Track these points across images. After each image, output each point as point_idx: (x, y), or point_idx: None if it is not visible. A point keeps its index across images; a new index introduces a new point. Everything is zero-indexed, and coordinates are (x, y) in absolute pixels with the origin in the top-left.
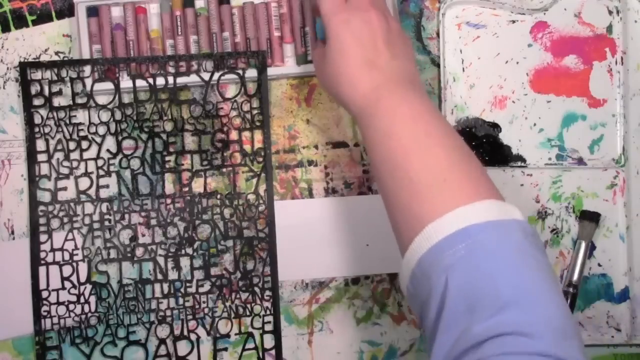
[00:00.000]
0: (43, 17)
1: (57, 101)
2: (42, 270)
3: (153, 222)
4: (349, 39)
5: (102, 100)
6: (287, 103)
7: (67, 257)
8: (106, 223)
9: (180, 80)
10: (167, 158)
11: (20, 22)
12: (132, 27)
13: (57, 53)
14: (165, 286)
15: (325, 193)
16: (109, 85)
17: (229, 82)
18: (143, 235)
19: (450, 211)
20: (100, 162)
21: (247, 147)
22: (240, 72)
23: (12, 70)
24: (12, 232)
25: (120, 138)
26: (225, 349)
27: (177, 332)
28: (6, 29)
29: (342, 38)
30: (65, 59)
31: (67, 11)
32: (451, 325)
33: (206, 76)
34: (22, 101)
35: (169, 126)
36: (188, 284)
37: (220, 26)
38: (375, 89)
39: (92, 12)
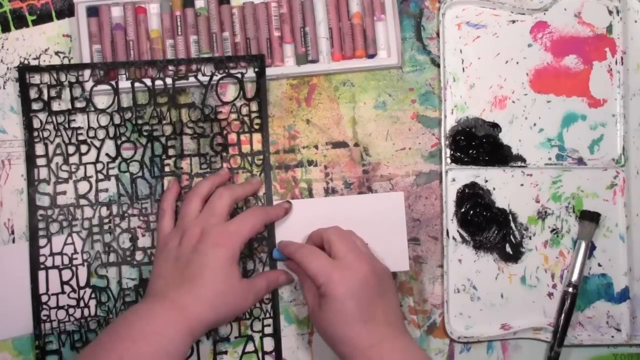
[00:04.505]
0: (43, 17)
1: (56, 105)
2: (41, 274)
3: (152, 225)
4: (349, 300)
5: (101, 103)
6: (287, 103)
7: (66, 261)
8: (105, 227)
9: (179, 83)
10: (166, 162)
11: (20, 22)
12: (132, 27)
13: (57, 53)
14: None
15: (325, 193)
16: (108, 89)
17: (228, 82)
18: (143, 236)
19: None
20: (99, 166)
21: (246, 149)
22: (239, 76)
23: (12, 70)
24: (12, 232)
25: (119, 142)
26: (225, 352)
27: None
28: (6, 29)
29: (341, 299)
30: (64, 62)
31: (67, 11)
32: None
33: (205, 80)
34: (21, 104)
35: (168, 130)
36: None
37: (220, 26)
38: (373, 347)
39: (92, 12)
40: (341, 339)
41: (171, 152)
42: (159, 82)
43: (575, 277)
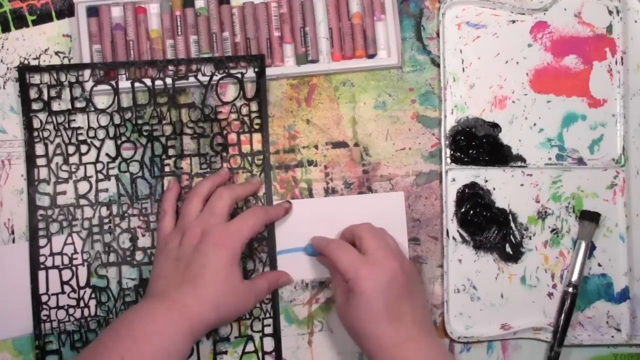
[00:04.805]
0: (43, 17)
1: (56, 105)
2: (41, 274)
3: (152, 225)
4: (376, 297)
5: (101, 103)
6: (287, 103)
7: (66, 261)
8: (105, 227)
9: (179, 83)
10: (166, 162)
11: (20, 22)
12: (132, 27)
13: (57, 53)
14: None
15: (325, 193)
16: (108, 89)
17: (229, 82)
18: (143, 236)
19: None
20: (99, 166)
21: (246, 149)
22: (239, 76)
23: (12, 70)
24: (12, 232)
25: (119, 142)
26: (225, 352)
27: None
28: (6, 29)
29: (368, 296)
30: (64, 62)
31: (67, 11)
32: None
33: (205, 80)
34: (21, 104)
35: (168, 130)
36: None
37: (220, 26)
38: (399, 345)
39: (92, 12)
40: (367, 336)
41: (171, 152)
42: (159, 82)
43: (575, 277)
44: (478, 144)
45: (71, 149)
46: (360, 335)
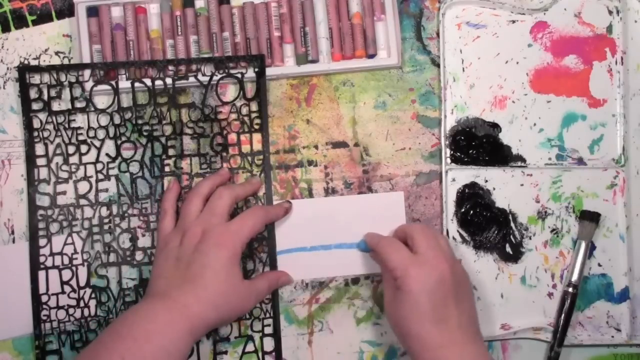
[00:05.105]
0: (43, 17)
1: (56, 105)
2: (41, 274)
3: (152, 225)
4: (423, 297)
5: (101, 103)
6: (287, 103)
7: (66, 261)
8: (105, 227)
9: (179, 83)
10: (166, 162)
11: (20, 22)
12: (132, 27)
13: (57, 53)
14: None
15: (325, 193)
16: (108, 89)
17: (229, 82)
18: (143, 236)
19: None
20: (99, 166)
21: (246, 149)
22: (239, 76)
23: (12, 70)
24: (12, 232)
25: (119, 142)
26: (225, 352)
27: None
28: (6, 29)
29: (415, 295)
30: (64, 62)
31: (67, 11)
32: None
33: (205, 80)
34: (21, 104)
35: (168, 130)
36: None
37: (220, 26)
38: (442, 348)
39: (92, 12)
40: (411, 336)
41: (171, 152)
42: (159, 82)
43: (575, 277)
44: (478, 144)
45: (71, 149)
46: (404, 335)
